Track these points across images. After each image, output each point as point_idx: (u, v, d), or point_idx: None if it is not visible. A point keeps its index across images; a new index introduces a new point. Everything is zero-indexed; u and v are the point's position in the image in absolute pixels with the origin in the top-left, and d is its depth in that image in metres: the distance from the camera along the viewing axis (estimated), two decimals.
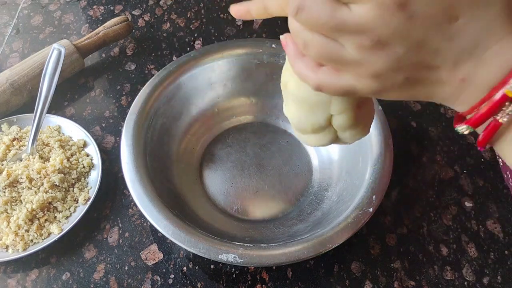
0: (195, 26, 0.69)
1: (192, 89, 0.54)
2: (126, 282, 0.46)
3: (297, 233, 0.45)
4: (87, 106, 0.59)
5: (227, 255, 0.39)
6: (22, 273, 0.46)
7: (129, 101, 0.60)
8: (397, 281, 0.46)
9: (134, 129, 0.47)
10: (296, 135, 0.34)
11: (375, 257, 0.47)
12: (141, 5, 0.71)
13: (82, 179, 0.51)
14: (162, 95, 0.51)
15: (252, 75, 0.55)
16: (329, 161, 0.52)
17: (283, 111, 0.34)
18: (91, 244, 0.48)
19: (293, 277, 0.46)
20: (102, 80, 0.62)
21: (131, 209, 0.50)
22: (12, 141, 0.53)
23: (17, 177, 0.49)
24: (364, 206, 0.42)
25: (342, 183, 0.49)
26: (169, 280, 0.46)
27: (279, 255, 0.39)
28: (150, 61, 0.64)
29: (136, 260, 0.47)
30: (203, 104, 0.55)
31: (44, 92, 0.54)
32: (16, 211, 0.47)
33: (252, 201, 0.50)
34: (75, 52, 0.59)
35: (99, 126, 0.57)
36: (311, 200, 0.50)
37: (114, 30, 0.62)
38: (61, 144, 0.53)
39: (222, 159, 0.54)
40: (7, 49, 0.66)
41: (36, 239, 0.46)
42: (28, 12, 0.70)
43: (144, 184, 0.43)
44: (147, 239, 0.48)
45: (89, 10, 0.71)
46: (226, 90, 0.56)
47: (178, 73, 0.52)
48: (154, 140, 0.49)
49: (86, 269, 0.47)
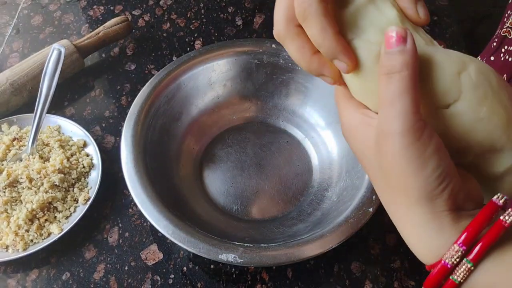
0: (195, 26, 0.69)
1: (192, 89, 0.54)
2: (126, 282, 0.46)
3: (297, 233, 0.45)
4: (87, 106, 0.59)
5: (227, 255, 0.39)
6: (22, 273, 0.46)
7: (129, 101, 0.60)
8: (397, 281, 0.46)
9: (134, 129, 0.47)
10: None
11: (375, 257, 0.47)
12: (141, 5, 0.71)
13: (82, 179, 0.51)
14: (162, 95, 0.51)
15: (252, 75, 0.55)
16: (329, 161, 0.52)
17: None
18: (91, 244, 0.48)
19: (293, 277, 0.46)
20: (102, 80, 0.62)
21: (131, 209, 0.50)
22: (12, 141, 0.53)
23: (17, 177, 0.49)
24: (364, 206, 0.42)
25: (342, 183, 0.49)
26: (169, 280, 0.46)
27: (279, 255, 0.39)
28: (150, 61, 0.64)
29: (136, 260, 0.47)
30: (203, 104, 0.55)
31: (44, 92, 0.54)
32: (16, 211, 0.47)
33: (252, 201, 0.50)
34: (75, 52, 0.59)
35: (99, 126, 0.57)
36: (311, 200, 0.50)
37: (114, 30, 0.62)
38: (61, 144, 0.53)
39: (222, 159, 0.54)
40: (7, 49, 0.66)
41: (36, 239, 0.46)
42: (28, 12, 0.70)
43: (144, 184, 0.43)
44: (147, 239, 0.48)
45: (89, 10, 0.71)
46: (226, 90, 0.56)
47: (178, 73, 0.52)
48: (154, 140, 0.49)
49: (86, 269, 0.47)
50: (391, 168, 0.24)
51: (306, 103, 0.55)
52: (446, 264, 0.24)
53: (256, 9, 0.70)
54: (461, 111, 0.25)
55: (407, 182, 0.24)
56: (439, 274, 0.24)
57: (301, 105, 0.55)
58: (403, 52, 0.23)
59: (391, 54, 0.23)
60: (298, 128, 0.55)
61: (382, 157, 0.25)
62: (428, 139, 0.23)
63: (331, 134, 0.53)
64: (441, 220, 0.24)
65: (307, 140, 0.55)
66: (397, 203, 0.26)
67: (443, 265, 0.24)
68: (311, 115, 0.55)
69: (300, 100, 0.55)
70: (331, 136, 0.53)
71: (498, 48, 0.49)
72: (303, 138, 0.55)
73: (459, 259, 0.23)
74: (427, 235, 0.25)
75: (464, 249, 0.23)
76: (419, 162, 0.23)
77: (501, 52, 0.48)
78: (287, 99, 0.56)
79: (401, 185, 0.24)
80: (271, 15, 0.27)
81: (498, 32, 0.51)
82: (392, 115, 0.23)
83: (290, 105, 0.56)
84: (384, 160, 0.25)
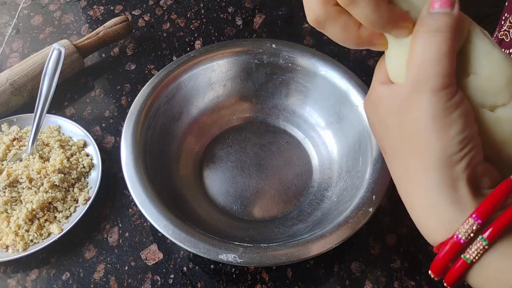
0: (195, 26, 0.69)
1: (192, 89, 0.54)
2: (126, 282, 0.46)
3: (297, 233, 0.45)
4: (87, 106, 0.59)
5: (227, 255, 0.39)
6: (22, 273, 0.46)
7: (129, 101, 0.60)
8: (397, 281, 0.46)
9: (134, 129, 0.47)
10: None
11: (375, 257, 0.47)
12: (141, 5, 0.71)
13: (82, 179, 0.51)
14: (162, 95, 0.51)
15: (252, 75, 0.55)
16: (329, 161, 0.52)
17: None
18: (91, 244, 0.48)
19: (293, 277, 0.46)
20: (102, 80, 0.62)
21: (131, 209, 0.50)
22: (12, 141, 0.53)
23: (17, 177, 0.49)
24: (364, 206, 0.42)
25: (342, 183, 0.49)
26: (169, 280, 0.46)
27: (279, 255, 0.39)
28: (150, 61, 0.64)
29: (136, 260, 0.47)
30: (203, 104, 0.55)
31: (44, 92, 0.54)
32: (16, 211, 0.47)
33: (252, 201, 0.50)
34: (75, 52, 0.59)
35: (99, 126, 0.57)
36: (311, 200, 0.50)
37: (114, 30, 0.62)
38: (61, 144, 0.53)
39: (222, 159, 0.54)
40: (7, 49, 0.66)
41: (36, 239, 0.46)
42: (28, 12, 0.70)
43: (144, 184, 0.43)
44: (147, 239, 0.48)
45: (89, 10, 0.71)
46: (226, 90, 0.56)
47: (178, 73, 0.52)
48: (154, 140, 0.49)
49: (86, 269, 0.47)
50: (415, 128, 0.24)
51: (306, 103, 0.55)
52: (459, 239, 0.22)
53: (256, 9, 0.70)
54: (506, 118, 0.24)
55: (428, 142, 0.23)
56: (450, 252, 0.23)
57: (301, 105, 0.55)
58: (450, 14, 0.23)
59: (438, 14, 0.23)
60: (298, 128, 0.56)
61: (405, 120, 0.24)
62: (458, 102, 0.23)
63: (331, 134, 0.53)
64: (457, 189, 0.23)
65: (307, 140, 0.55)
66: (413, 170, 0.25)
67: (455, 241, 0.22)
68: (311, 115, 0.55)
69: (300, 100, 0.55)
70: (331, 136, 0.53)
71: None
72: (303, 138, 0.55)
73: (473, 234, 0.22)
74: (441, 205, 0.23)
75: (479, 223, 0.22)
76: (444, 122, 0.23)
77: None
78: (287, 99, 0.56)
79: (421, 146, 0.24)
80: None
81: (496, 35, 0.51)
82: (429, 73, 0.23)
83: (290, 105, 0.56)
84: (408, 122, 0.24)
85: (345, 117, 0.51)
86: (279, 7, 0.70)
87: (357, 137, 0.49)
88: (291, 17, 0.69)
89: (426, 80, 0.23)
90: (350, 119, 0.51)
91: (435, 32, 0.23)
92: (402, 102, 0.25)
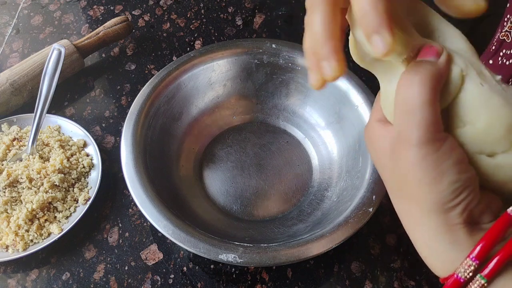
0: (195, 26, 0.69)
1: (192, 89, 0.54)
2: (126, 282, 0.46)
3: (297, 233, 0.45)
4: (87, 106, 0.59)
5: (227, 255, 0.39)
6: (22, 273, 0.46)
7: (129, 101, 0.60)
8: (397, 281, 0.46)
9: (134, 129, 0.47)
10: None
11: (375, 257, 0.47)
12: (141, 5, 0.71)
13: (82, 179, 0.51)
14: (162, 95, 0.51)
15: (252, 75, 0.55)
16: (329, 161, 0.52)
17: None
18: (91, 244, 0.48)
19: (293, 277, 0.46)
20: (102, 80, 0.62)
21: (131, 209, 0.50)
22: (12, 141, 0.53)
23: (17, 177, 0.49)
24: (364, 206, 0.42)
25: (342, 183, 0.49)
26: (169, 280, 0.46)
27: (279, 255, 0.39)
28: (150, 61, 0.64)
29: (136, 260, 0.47)
30: (203, 104, 0.55)
31: (44, 92, 0.54)
32: (16, 211, 0.47)
33: (252, 201, 0.50)
34: (75, 52, 0.59)
35: (99, 126, 0.57)
36: (311, 200, 0.50)
37: (114, 30, 0.62)
38: (61, 144, 0.53)
39: (222, 159, 0.54)
40: (7, 49, 0.66)
41: (36, 239, 0.46)
42: (28, 12, 0.70)
43: (144, 184, 0.43)
44: (147, 239, 0.48)
45: (89, 10, 0.71)
46: (226, 90, 0.56)
47: (178, 73, 0.52)
48: (154, 140, 0.49)
49: (86, 269, 0.47)
50: (406, 178, 0.24)
51: (306, 103, 0.55)
52: (459, 278, 0.23)
53: (256, 9, 0.70)
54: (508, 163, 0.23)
55: (421, 193, 0.24)
56: None
57: (301, 105, 0.55)
58: (435, 64, 0.23)
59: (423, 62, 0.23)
60: (298, 128, 0.56)
61: (397, 166, 0.24)
62: (448, 151, 0.23)
63: (331, 134, 0.53)
64: (455, 233, 0.23)
65: (307, 140, 0.55)
66: (411, 214, 0.25)
67: (456, 279, 0.23)
68: (311, 115, 0.55)
69: (300, 100, 0.55)
70: (331, 136, 0.53)
71: (497, 51, 0.49)
72: (303, 138, 0.55)
73: (472, 273, 0.23)
74: (440, 247, 0.24)
75: (477, 263, 0.22)
76: (435, 174, 0.23)
77: (499, 55, 0.49)
78: (287, 99, 0.56)
79: (415, 196, 0.24)
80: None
81: (497, 35, 0.51)
82: (412, 124, 0.23)
83: (290, 105, 0.56)
84: (400, 169, 0.24)
85: (345, 117, 0.51)
86: (279, 7, 0.70)
87: (357, 137, 0.49)
88: (291, 17, 0.69)
89: (411, 131, 0.23)
90: (350, 119, 0.51)
91: (419, 80, 0.23)
92: (393, 147, 0.25)
